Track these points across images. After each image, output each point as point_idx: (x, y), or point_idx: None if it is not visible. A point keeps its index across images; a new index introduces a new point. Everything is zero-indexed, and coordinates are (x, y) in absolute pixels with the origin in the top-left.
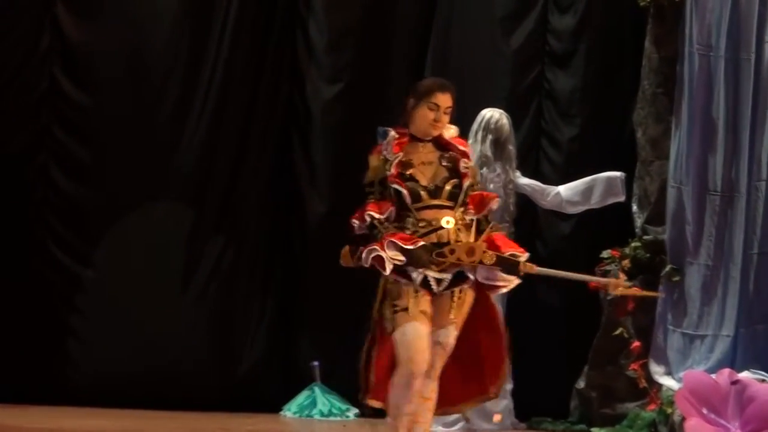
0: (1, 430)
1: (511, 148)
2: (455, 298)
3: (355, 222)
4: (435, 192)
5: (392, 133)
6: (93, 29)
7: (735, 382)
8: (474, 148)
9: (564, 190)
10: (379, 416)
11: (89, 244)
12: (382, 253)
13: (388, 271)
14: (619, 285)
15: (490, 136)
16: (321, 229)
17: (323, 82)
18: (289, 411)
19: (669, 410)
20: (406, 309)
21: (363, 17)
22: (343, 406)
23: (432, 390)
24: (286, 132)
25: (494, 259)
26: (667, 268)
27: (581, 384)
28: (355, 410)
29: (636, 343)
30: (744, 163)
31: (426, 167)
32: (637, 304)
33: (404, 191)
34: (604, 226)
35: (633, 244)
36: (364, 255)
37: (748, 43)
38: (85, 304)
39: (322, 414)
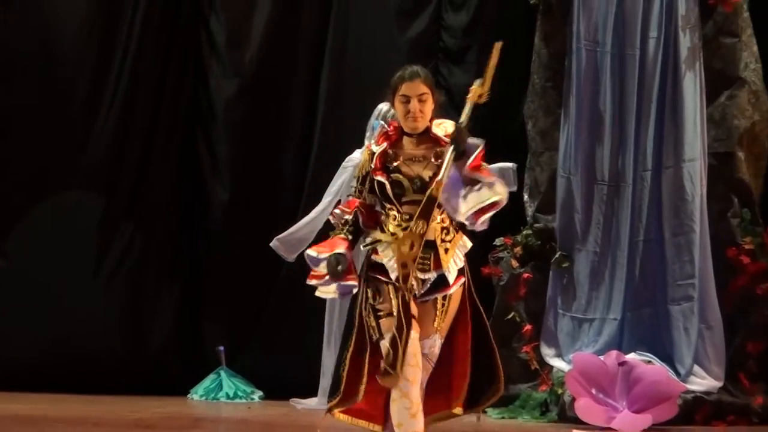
0: None
1: None
2: (439, 305)
3: (332, 219)
4: (421, 187)
5: (382, 124)
6: (3, 26)
7: (622, 364)
8: (370, 141)
9: None
10: (284, 398)
11: (0, 235)
12: (312, 281)
13: (325, 295)
14: (477, 92)
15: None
16: (224, 217)
17: (225, 78)
18: (196, 394)
19: (560, 391)
20: (391, 314)
21: (263, 14)
22: (248, 389)
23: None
24: (191, 125)
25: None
26: (557, 254)
27: None
28: (260, 393)
29: (527, 327)
30: (630, 154)
31: (415, 163)
32: (529, 289)
33: (386, 183)
34: (497, 214)
35: (524, 232)
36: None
37: (632, 39)
38: None
39: (228, 397)
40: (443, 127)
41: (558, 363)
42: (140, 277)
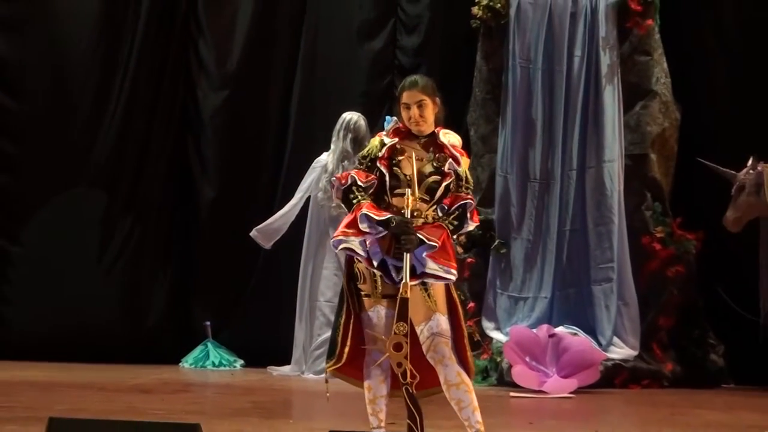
0: None
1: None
2: (428, 289)
3: (336, 181)
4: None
5: (395, 120)
6: (20, 46)
7: (552, 336)
8: (336, 145)
9: None
10: (262, 366)
11: (17, 225)
12: (351, 245)
13: (364, 261)
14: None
15: (350, 135)
16: (211, 211)
17: (212, 91)
18: (187, 363)
19: (498, 359)
20: (369, 295)
21: (243, 35)
22: (231, 358)
23: (457, 374)
24: (182, 132)
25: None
26: (496, 242)
27: None
28: (241, 361)
29: (471, 304)
30: (558, 156)
31: (417, 160)
32: (472, 271)
33: (386, 174)
34: None
35: None
36: (333, 241)
37: (560, 57)
38: (14, 275)
39: (214, 365)
40: (448, 138)
41: (497, 335)
42: (138, 263)
